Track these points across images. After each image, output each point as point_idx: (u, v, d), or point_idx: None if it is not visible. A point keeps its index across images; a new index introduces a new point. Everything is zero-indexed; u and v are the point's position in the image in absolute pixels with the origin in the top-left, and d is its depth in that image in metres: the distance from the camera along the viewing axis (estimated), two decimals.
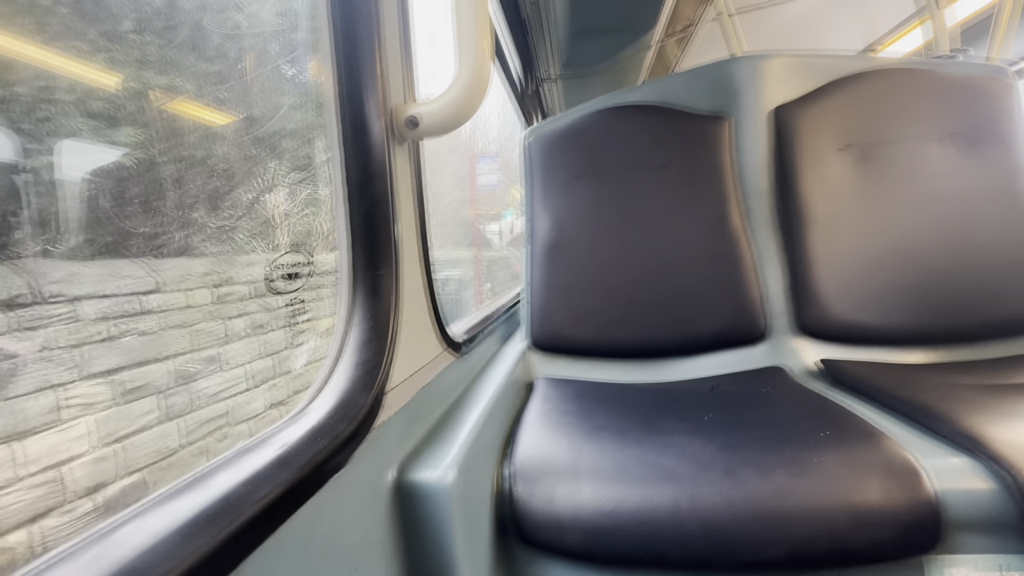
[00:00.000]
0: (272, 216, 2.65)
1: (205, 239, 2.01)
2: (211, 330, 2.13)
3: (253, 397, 2.43)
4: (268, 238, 2.60)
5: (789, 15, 2.35)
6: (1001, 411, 0.70)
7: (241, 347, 2.34)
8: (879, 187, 1.12)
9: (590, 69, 2.49)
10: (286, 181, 2.28)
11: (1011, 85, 1.16)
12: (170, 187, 1.65)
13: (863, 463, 0.62)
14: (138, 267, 1.75)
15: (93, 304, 1.55)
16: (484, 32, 0.63)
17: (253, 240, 2.46)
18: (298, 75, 1.85)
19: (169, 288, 1.87)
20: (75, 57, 1.33)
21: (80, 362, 1.50)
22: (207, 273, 2.09)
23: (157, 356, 1.81)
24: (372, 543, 0.49)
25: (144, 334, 1.75)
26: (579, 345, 1.17)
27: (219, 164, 1.88)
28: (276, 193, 2.52)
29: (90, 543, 0.29)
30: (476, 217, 7.75)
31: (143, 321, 1.76)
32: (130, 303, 1.70)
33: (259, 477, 0.36)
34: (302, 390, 2.94)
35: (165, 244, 1.78)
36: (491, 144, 6.93)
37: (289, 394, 2.79)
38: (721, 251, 1.15)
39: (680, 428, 0.76)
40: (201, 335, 2.06)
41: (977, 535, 0.60)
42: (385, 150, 0.61)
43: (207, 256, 2.09)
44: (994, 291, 1.05)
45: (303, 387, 3.00)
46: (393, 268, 0.61)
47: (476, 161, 7.29)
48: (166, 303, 1.87)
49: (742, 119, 1.21)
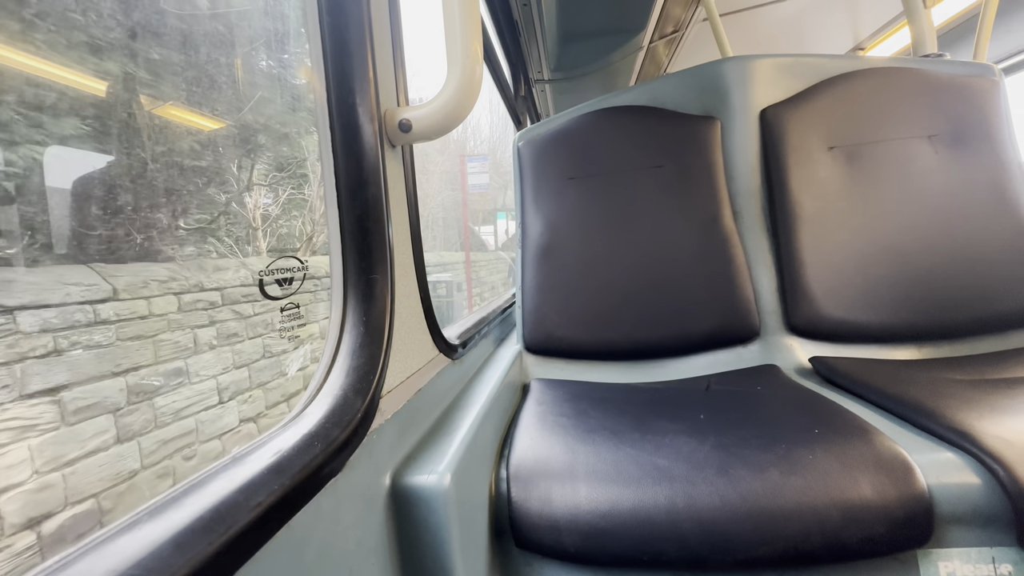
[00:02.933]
0: (251, 218, 2.56)
1: (170, 242, 1.89)
2: (176, 340, 1.98)
3: (224, 412, 2.27)
4: (244, 242, 2.52)
5: (779, 16, 2.37)
6: (990, 406, 0.70)
7: (211, 358, 2.19)
8: (867, 186, 1.13)
9: (581, 71, 2.50)
10: (264, 181, 2.19)
11: (997, 83, 1.17)
12: (129, 185, 1.53)
13: (855, 459, 0.63)
14: (90, 273, 1.62)
15: (32, 315, 1.41)
16: (475, 36, 0.63)
17: (226, 244, 2.36)
18: (270, 67, 1.75)
19: (126, 295, 1.73)
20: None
21: (16, 380, 1.37)
22: (171, 279, 1.97)
23: (112, 370, 1.66)
24: (368, 549, 0.49)
25: (96, 347, 1.61)
26: (573, 347, 1.18)
27: (186, 161, 1.75)
28: (253, 194, 2.44)
29: (81, 555, 0.28)
30: (466, 217, 7.68)
31: (95, 333, 1.61)
32: (80, 313, 1.56)
33: (254, 484, 0.36)
34: (282, 402, 2.79)
35: (122, 248, 1.65)
36: (481, 145, 6.91)
37: (267, 407, 2.63)
38: (713, 251, 1.16)
39: (674, 428, 0.76)
40: (164, 346, 1.92)
41: (969, 528, 0.61)
42: (378, 154, 0.61)
43: (172, 261, 1.97)
44: (982, 287, 1.06)
45: (283, 399, 2.83)
46: (387, 272, 0.61)
47: (466, 161, 7.24)
48: (123, 312, 1.72)
49: (732, 120, 1.22)
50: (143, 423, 1.77)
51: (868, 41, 2.68)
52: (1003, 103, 1.16)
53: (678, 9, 2.09)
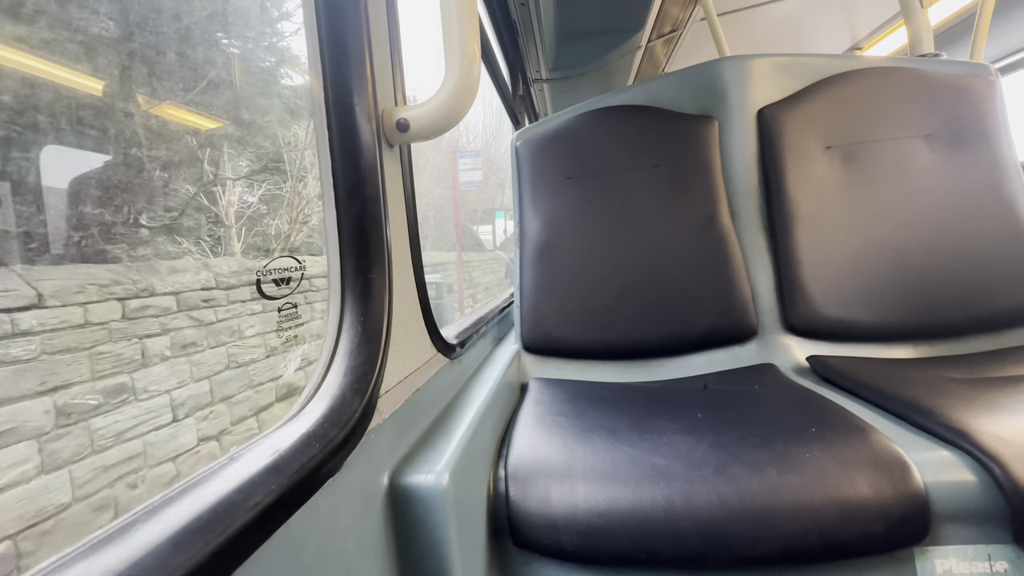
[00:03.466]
0: (223, 215, 2.36)
1: (118, 241, 1.65)
2: (119, 353, 1.74)
3: (180, 431, 2.01)
4: (215, 241, 2.31)
5: (776, 16, 2.37)
6: (986, 404, 0.71)
7: (163, 371, 1.94)
8: (864, 185, 1.13)
9: (579, 71, 2.50)
10: (234, 174, 2.01)
11: (994, 83, 1.18)
12: (63, 175, 1.29)
13: (852, 458, 0.63)
14: (9, 276, 1.41)
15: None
16: (473, 35, 0.63)
17: (188, 244, 2.08)
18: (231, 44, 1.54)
19: (55, 302, 1.49)
20: None
21: None
22: (115, 283, 1.72)
23: (35, 390, 1.45)
24: (366, 549, 0.49)
25: (15, 363, 1.40)
26: (571, 346, 1.18)
27: (137, 150, 1.50)
28: (224, 189, 2.22)
29: (78, 556, 0.28)
30: (457, 215, 7.56)
31: (13, 346, 1.40)
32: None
33: (251, 484, 0.36)
34: (250, 417, 2.51)
35: (54, 247, 1.42)
36: (475, 142, 6.85)
37: (233, 422, 2.36)
38: (711, 250, 1.16)
39: (672, 427, 0.76)
40: (104, 359, 1.68)
41: (965, 526, 0.61)
42: (375, 154, 0.61)
43: (118, 262, 1.74)
44: (979, 286, 1.06)
45: (252, 413, 2.52)
46: (385, 272, 0.61)
47: (457, 157, 7.13)
48: (50, 321, 1.49)
49: (730, 119, 1.22)
50: (76, 449, 1.55)
51: (865, 41, 2.68)
52: (999, 102, 1.16)
53: (676, 9, 2.09)
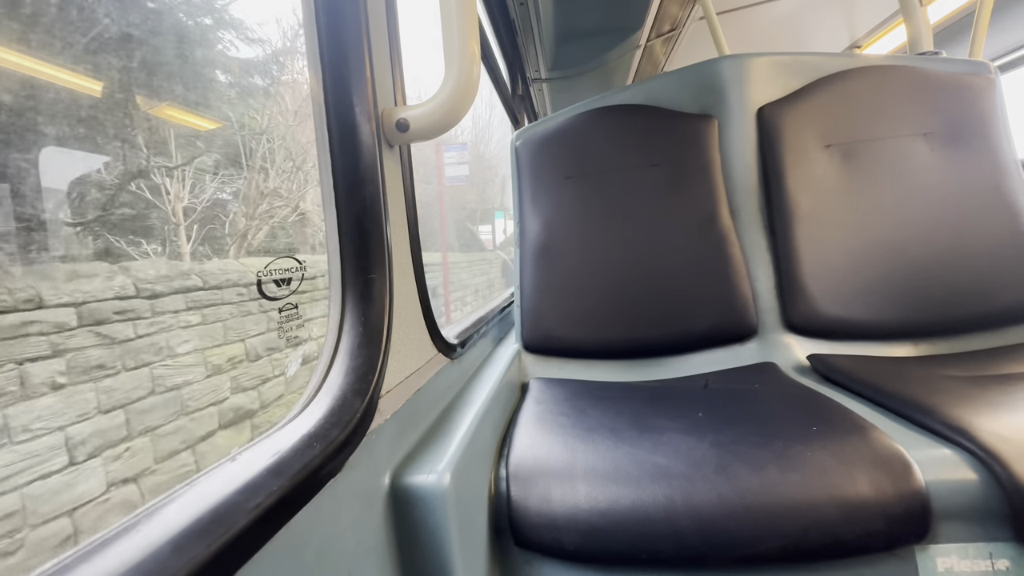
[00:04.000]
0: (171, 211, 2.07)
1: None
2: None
3: (80, 476, 1.63)
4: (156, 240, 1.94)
5: (776, 14, 2.37)
6: (986, 402, 0.71)
7: (54, 403, 1.57)
8: (864, 183, 1.13)
9: (578, 70, 2.50)
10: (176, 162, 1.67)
11: (993, 81, 1.18)
12: None
13: (853, 456, 0.63)
14: None
15: None
16: (472, 35, 0.63)
17: (92, 244, 1.70)
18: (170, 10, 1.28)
19: None
20: None
21: None
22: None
23: None
24: (368, 549, 0.49)
25: None
26: (571, 346, 1.18)
27: (47, 128, 1.21)
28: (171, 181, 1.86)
29: (79, 559, 0.28)
30: (443, 212, 7.31)
31: None
32: None
33: (252, 485, 0.36)
34: (184, 450, 2.14)
35: None
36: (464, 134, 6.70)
37: (157, 459, 1.97)
38: (711, 249, 1.16)
39: (673, 426, 0.76)
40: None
41: (966, 524, 0.61)
42: (375, 154, 0.61)
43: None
44: (979, 284, 1.06)
45: (185, 446, 2.14)
46: (385, 272, 0.61)
47: (443, 151, 6.91)
48: None
49: (729, 118, 1.22)
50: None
51: (864, 39, 2.68)
52: (999, 100, 1.16)
53: (675, 7, 2.09)
